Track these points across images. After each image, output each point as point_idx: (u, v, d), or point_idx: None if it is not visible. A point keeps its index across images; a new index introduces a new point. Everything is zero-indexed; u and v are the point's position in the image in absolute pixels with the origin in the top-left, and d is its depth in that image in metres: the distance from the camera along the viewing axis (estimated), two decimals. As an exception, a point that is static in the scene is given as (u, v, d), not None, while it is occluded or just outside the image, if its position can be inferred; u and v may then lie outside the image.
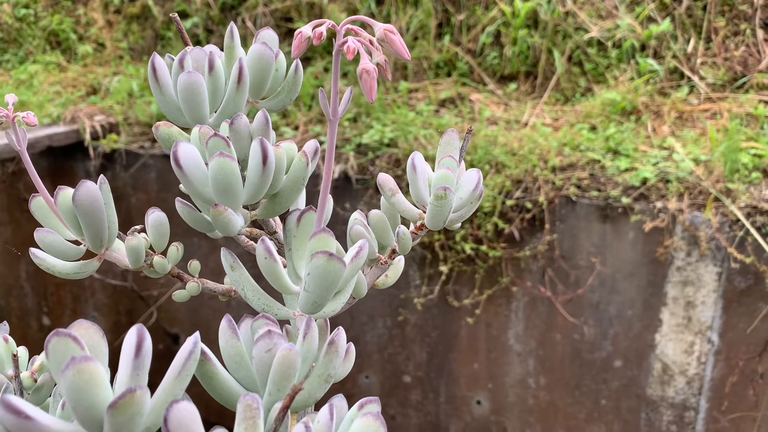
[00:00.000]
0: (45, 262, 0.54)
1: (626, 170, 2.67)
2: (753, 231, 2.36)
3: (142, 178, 3.34)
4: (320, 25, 0.41)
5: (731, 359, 2.55)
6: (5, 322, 0.78)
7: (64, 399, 0.54)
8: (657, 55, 3.21)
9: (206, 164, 0.47)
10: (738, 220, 2.40)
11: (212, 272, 3.04)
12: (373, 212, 0.57)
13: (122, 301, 3.59)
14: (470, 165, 2.73)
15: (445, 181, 0.50)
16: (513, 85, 3.38)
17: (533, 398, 2.89)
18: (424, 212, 0.56)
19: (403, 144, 2.91)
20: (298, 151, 0.52)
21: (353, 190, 2.94)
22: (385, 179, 0.55)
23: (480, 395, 2.98)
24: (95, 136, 3.40)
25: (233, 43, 0.56)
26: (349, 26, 0.43)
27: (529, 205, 2.66)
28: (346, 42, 0.41)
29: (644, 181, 2.60)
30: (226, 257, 0.49)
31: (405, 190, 2.82)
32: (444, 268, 2.80)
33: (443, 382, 3.04)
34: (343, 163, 2.96)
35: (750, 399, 2.55)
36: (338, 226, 1.72)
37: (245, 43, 3.42)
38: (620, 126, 2.93)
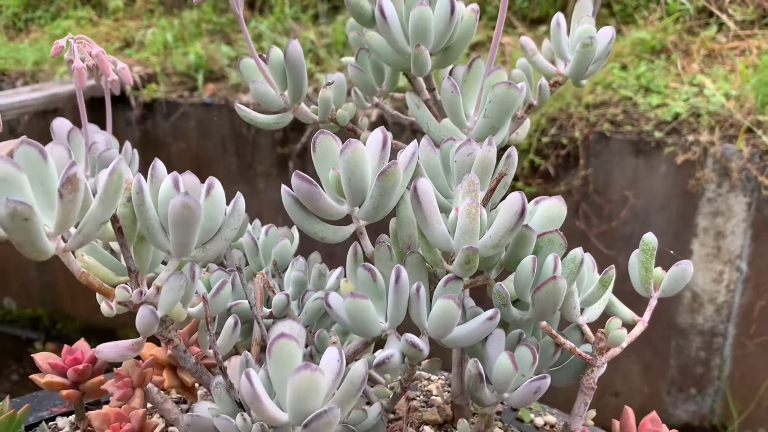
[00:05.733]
0: (248, 114, 0.65)
1: (658, 106, 2.75)
2: (784, 160, 2.45)
3: (182, 127, 3.44)
4: None
5: (760, 286, 2.66)
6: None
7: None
8: (686, -5, 3.25)
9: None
10: (769, 149, 2.48)
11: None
12: (514, 71, 0.68)
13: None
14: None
15: (590, 33, 0.61)
16: (543, 28, 3.43)
17: (567, 328, 3.02)
18: (559, 70, 0.66)
19: (438, 86, 3.00)
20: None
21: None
22: (526, 41, 0.66)
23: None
24: (135, 87, 3.49)
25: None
26: None
27: (564, 141, 2.75)
28: None
29: (676, 116, 2.68)
30: (411, 98, 0.60)
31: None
32: (481, 205, 2.91)
33: (479, 316, 3.17)
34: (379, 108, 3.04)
35: (777, 322, 2.67)
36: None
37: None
38: (650, 64, 2.99)
